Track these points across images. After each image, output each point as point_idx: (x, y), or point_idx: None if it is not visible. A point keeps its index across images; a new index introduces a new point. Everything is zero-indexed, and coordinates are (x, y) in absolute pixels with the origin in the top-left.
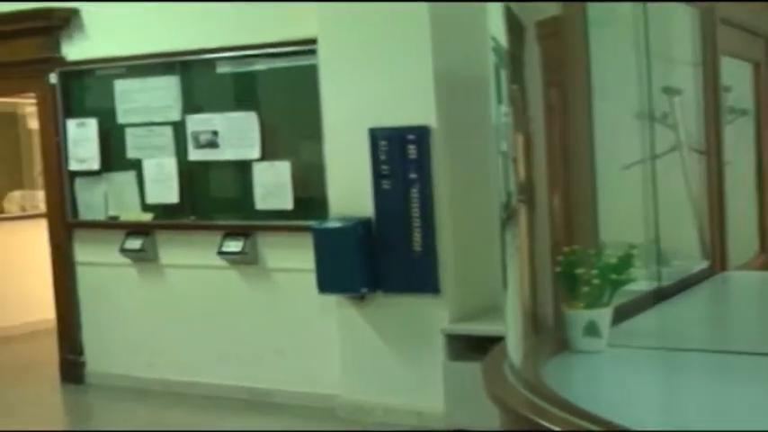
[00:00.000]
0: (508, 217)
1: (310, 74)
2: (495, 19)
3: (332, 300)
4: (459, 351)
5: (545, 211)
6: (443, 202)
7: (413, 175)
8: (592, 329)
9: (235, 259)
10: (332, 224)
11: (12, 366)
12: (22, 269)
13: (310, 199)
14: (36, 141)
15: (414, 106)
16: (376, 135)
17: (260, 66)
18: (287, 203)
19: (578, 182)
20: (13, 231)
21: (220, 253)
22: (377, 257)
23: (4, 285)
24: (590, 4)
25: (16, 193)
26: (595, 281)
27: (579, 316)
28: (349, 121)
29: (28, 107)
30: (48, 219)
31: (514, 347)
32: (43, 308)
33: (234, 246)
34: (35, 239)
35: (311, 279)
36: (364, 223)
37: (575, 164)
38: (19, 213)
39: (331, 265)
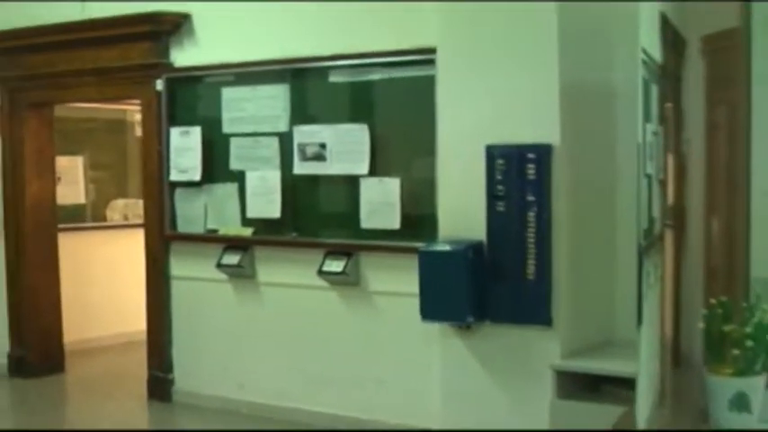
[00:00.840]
0: (649, 244)
1: (427, 85)
2: (646, 30)
3: (435, 328)
4: (569, 389)
5: (698, 238)
6: (561, 227)
7: (530, 198)
8: (741, 402)
9: (335, 280)
10: (440, 247)
11: (102, 378)
12: (121, 278)
13: (419, 219)
14: None
15: (536, 122)
16: (493, 152)
17: (375, 75)
18: (394, 223)
19: (739, 208)
20: (115, 240)
21: (321, 273)
22: (486, 284)
23: (103, 294)
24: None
25: (120, 202)
26: (748, 342)
27: (725, 384)
28: (465, 136)
29: (137, 114)
30: (145, 230)
31: (644, 410)
32: (140, 318)
33: (335, 265)
34: (136, 249)
35: (415, 304)
36: (475, 247)
37: (738, 188)
38: (121, 222)
39: (436, 290)
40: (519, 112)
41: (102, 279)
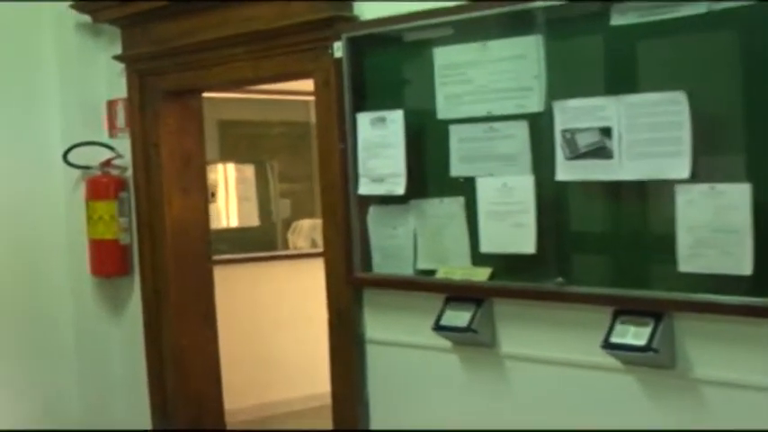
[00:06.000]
0: None
1: None
2: None
3: None
4: None
5: None
6: None
7: None
8: None
9: (633, 357)
10: None
11: None
12: (306, 324)
13: None
14: None
15: None
16: None
17: (688, 10)
18: (740, 263)
19: None
20: (300, 272)
21: (607, 345)
22: None
23: (281, 346)
24: None
25: (305, 223)
26: None
27: None
28: None
29: None
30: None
31: None
32: None
33: (633, 334)
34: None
35: None
36: None
37: None
38: (308, 250)
39: None
40: None
41: (280, 326)
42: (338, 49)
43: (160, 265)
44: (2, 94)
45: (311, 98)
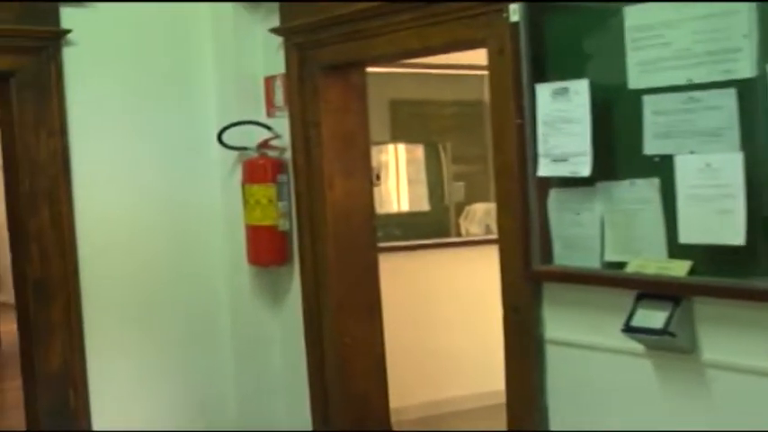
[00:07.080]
0: None
1: None
2: None
3: None
4: None
5: None
6: None
7: None
8: None
9: None
10: None
11: None
12: (482, 315)
13: None
14: None
15: None
16: None
17: None
18: None
19: None
20: (473, 260)
21: None
22: None
23: (457, 338)
24: None
25: (479, 207)
26: None
27: None
28: None
29: None
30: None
31: None
32: None
33: None
34: None
35: None
36: None
37: None
38: (482, 236)
39: None
40: None
41: (451, 318)
42: (514, 13)
43: (321, 253)
44: (155, 71)
45: (486, 73)
